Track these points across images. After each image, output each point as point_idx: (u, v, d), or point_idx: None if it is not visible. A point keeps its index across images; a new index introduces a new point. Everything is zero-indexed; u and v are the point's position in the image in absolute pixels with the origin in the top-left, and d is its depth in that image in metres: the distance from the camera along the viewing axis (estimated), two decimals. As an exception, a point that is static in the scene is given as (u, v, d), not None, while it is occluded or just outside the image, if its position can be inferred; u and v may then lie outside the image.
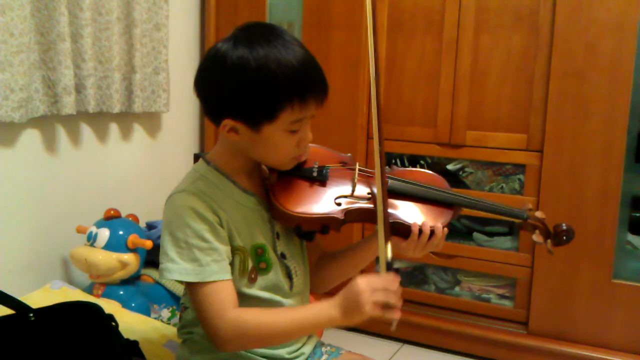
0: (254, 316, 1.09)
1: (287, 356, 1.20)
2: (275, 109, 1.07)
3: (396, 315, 1.03)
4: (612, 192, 1.95)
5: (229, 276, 1.10)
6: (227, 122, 1.10)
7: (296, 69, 1.06)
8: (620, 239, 1.99)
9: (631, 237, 2.04)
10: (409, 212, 1.21)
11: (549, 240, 1.25)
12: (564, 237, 1.24)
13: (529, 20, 2.04)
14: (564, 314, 2.06)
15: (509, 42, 2.08)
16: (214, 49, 1.11)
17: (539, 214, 1.26)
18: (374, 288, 1.03)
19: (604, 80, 1.93)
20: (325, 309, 1.07)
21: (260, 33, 1.09)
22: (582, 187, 1.98)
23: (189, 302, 1.19)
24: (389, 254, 1.07)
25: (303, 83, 1.07)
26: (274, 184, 1.18)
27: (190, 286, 1.11)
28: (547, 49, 2.01)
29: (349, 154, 1.31)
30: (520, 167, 2.13)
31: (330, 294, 1.12)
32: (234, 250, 1.13)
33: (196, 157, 2.64)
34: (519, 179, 2.14)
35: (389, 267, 1.07)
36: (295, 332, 1.13)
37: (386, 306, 1.03)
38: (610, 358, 1.98)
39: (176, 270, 1.08)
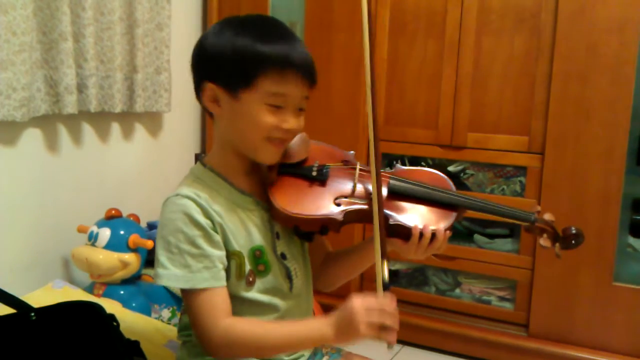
0: (245, 327, 1.09)
1: (286, 358, 1.20)
2: (252, 74, 1.08)
3: (392, 338, 1.01)
4: (614, 195, 1.95)
5: (221, 283, 1.10)
6: (208, 86, 1.12)
7: (282, 46, 1.09)
8: (621, 242, 1.99)
9: (632, 240, 2.03)
10: (410, 214, 1.18)
11: (557, 244, 1.21)
12: (573, 241, 1.20)
13: (530, 22, 2.04)
14: (564, 317, 2.05)
15: (511, 44, 2.08)
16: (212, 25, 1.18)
17: (547, 216, 1.23)
18: (370, 309, 1.01)
19: (606, 83, 1.93)
20: (319, 326, 1.06)
21: (257, 18, 1.16)
22: (584, 190, 1.98)
23: None
24: (386, 275, 1.05)
25: (284, 56, 1.09)
26: (272, 183, 1.17)
27: (183, 292, 1.11)
28: (548, 51, 2.01)
29: (352, 152, 1.29)
30: (522, 169, 2.13)
31: (336, 293, 1.10)
32: (230, 255, 1.12)
33: (197, 157, 2.65)
34: (520, 181, 2.14)
35: (386, 287, 1.04)
36: (286, 347, 1.12)
37: (382, 328, 1.01)
38: (610, 361, 1.98)
39: (166, 275, 1.08)
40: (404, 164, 2.35)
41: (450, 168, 2.28)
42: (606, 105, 1.93)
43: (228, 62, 1.10)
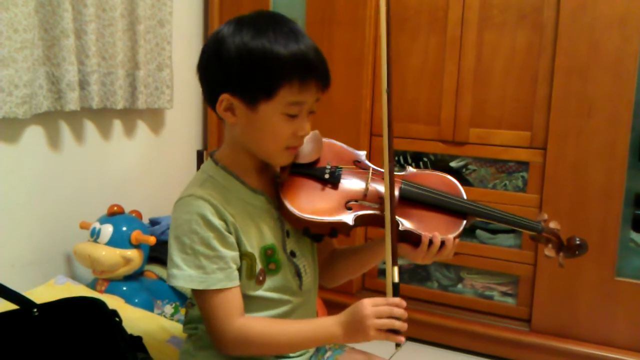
0: (259, 326, 1.10)
1: (291, 353, 1.20)
2: (275, 85, 1.06)
3: (401, 339, 1.04)
4: (616, 190, 1.94)
5: (235, 283, 1.10)
6: (224, 97, 1.09)
7: (302, 49, 1.07)
8: (624, 237, 1.99)
9: (634, 235, 2.03)
10: (420, 220, 1.17)
11: (561, 253, 1.22)
12: (577, 252, 1.22)
13: (532, 18, 2.03)
14: (566, 312, 2.05)
15: (513, 39, 2.07)
16: (220, 27, 1.13)
17: (553, 224, 1.24)
18: (380, 313, 1.03)
19: (608, 78, 1.92)
20: (329, 326, 1.08)
21: (268, 17, 1.12)
22: (586, 185, 1.98)
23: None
24: (396, 278, 1.06)
25: (306, 63, 1.07)
26: (284, 183, 1.15)
27: (196, 292, 1.11)
28: (551, 47, 2.01)
29: (364, 152, 1.28)
30: (524, 165, 2.12)
31: (338, 289, 1.10)
32: (242, 255, 1.12)
33: (199, 154, 2.65)
34: (522, 177, 2.14)
35: (396, 291, 1.06)
36: (297, 345, 1.15)
37: (391, 330, 1.03)
38: (613, 356, 1.98)
39: (181, 276, 1.08)
40: (406, 159, 2.35)
41: (453, 164, 2.27)
42: (608, 101, 1.93)
43: (248, 74, 1.07)
